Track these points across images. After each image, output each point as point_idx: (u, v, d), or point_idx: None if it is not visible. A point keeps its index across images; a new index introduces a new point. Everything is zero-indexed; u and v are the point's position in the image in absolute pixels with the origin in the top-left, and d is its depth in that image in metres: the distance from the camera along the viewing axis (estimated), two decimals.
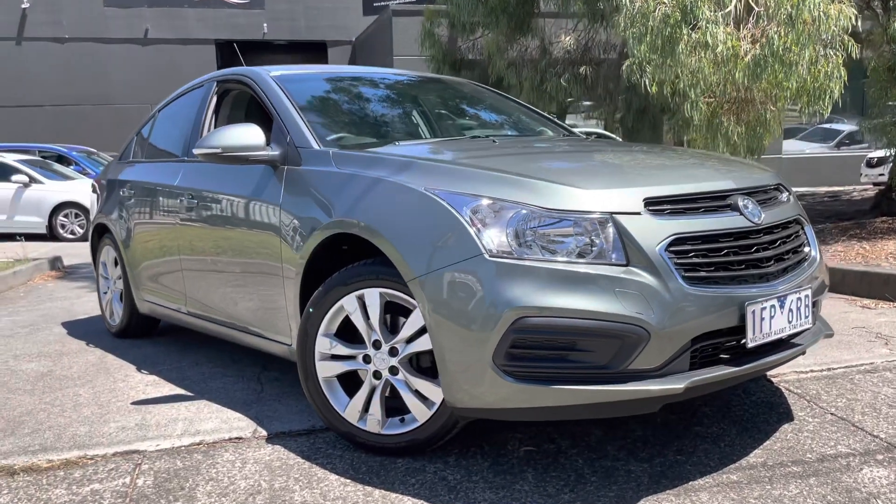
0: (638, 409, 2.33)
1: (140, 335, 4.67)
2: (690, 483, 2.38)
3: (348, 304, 2.62)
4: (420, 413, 2.54)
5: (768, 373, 3.34)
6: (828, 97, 5.70)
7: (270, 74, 3.54)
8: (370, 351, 2.61)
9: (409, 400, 2.55)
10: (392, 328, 2.62)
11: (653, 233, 2.28)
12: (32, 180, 12.66)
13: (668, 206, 2.36)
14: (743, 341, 2.36)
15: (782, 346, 2.54)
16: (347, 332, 2.67)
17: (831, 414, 2.89)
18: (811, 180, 18.27)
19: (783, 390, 3.16)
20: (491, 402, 2.31)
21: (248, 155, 3.05)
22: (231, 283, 3.39)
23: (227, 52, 25.24)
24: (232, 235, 3.33)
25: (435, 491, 2.38)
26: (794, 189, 2.92)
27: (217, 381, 3.63)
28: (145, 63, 23.24)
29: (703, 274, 2.32)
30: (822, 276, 2.77)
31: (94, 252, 5.08)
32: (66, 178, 13.61)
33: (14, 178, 12.56)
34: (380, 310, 2.57)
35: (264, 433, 2.89)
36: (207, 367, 3.91)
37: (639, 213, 2.30)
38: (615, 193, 2.33)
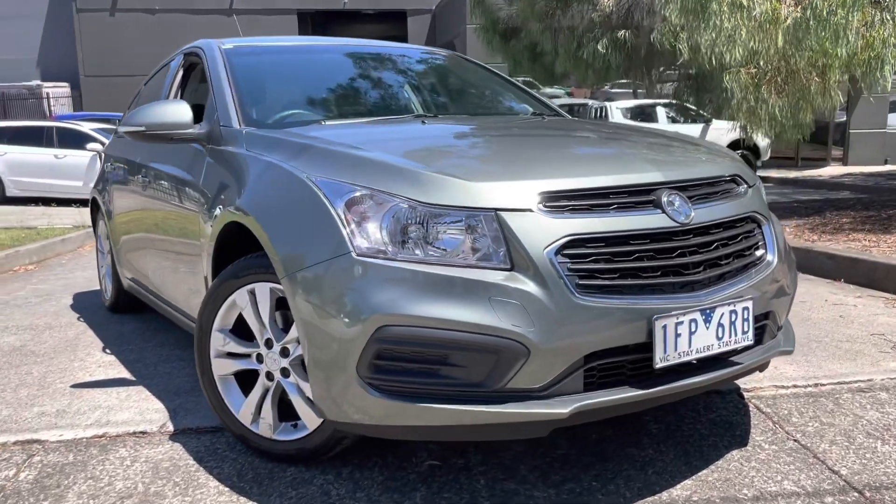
0: (523, 433, 2.05)
1: (129, 310, 4.65)
2: None
3: (240, 298, 2.42)
4: (310, 420, 2.33)
5: (742, 387, 2.96)
6: (886, 67, 5.07)
7: (222, 47, 3.37)
8: (262, 350, 2.41)
9: (299, 405, 2.34)
10: (288, 326, 2.42)
11: (543, 233, 1.97)
12: None
13: (569, 203, 2.04)
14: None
15: (716, 364, 2.19)
16: (245, 329, 2.48)
17: (794, 440, 2.51)
18: None
19: (752, 408, 2.78)
20: (360, 418, 2.07)
21: (172, 133, 2.89)
22: (172, 266, 3.27)
23: (315, 22, 25.43)
24: (170, 216, 3.21)
25: None
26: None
27: (167, 366, 3.53)
28: (231, 33, 23.49)
29: (602, 282, 1.99)
30: (783, 281, 2.38)
31: (94, 225, 5.09)
32: None
33: (89, 146, 12.99)
34: (270, 306, 2.37)
35: (171, 428, 2.75)
36: (168, 350, 3.82)
37: (530, 210, 1.99)
38: (504, 186, 2.03)
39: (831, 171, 16.01)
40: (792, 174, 15.12)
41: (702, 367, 2.16)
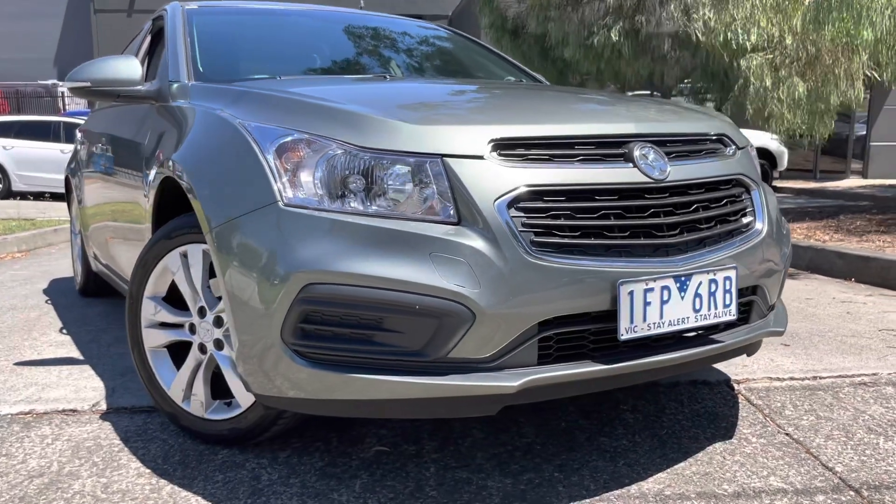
0: (468, 411, 1.81)
1: (99, 294, 4.44)
2: None
3: (172, 262, 2.20)
4: (243, 398, 2.10)
5: (732, 378, 2.69)
6: None
7: (186, 7, 3.16)
8: (195, 319, 2.18)
9: (232, 381, 2.11)
10: None
11: (495, 183, 1.73)
12: None
13: (527, 151, 1.80)
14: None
15: (694, 341, 1.93)
16: (180, 297, 2.25)
17: (785, 434, 2.24)
18: None
19: (741, 399, 2.52)
20: (286, 391, 1.84)
21: (119, 90, 2.68)
22: (123, 235, 3.06)
23: None
24: (122, 183, 3.00)
25: (234, 493, 1.94)
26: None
27: (121, 347, 3.30)
28: None
29: (561, 240, 1.75)
30: (773, 254, 2.12)
31: (69, 206, 4.90)
32: None
33: None
34: (203, 270, 2.14)
35: (104, 407, 2.53)
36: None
37: (481, 158, 1.76)
38: (453, 130, 1.79)
39: (850, 183, 15.61)
40: (809, 185, 14.75)
41: (677, 343, 1.91)
